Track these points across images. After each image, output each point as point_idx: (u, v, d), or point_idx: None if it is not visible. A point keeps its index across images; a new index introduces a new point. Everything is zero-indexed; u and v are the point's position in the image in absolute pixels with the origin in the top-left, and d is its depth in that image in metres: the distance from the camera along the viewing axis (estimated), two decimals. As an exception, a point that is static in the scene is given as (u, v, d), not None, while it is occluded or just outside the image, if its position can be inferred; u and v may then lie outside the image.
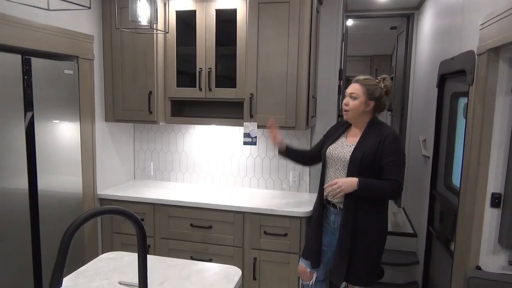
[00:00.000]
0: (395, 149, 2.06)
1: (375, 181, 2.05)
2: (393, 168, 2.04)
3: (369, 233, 2.12)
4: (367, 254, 2.13)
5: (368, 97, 2.13)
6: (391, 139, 2.06)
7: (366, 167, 2.06)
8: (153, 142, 3.39)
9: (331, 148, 2.25)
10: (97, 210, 1.02)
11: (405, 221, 4.25)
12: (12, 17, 2.07)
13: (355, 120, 2.20)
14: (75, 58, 2.60)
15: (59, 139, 2.49)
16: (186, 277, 1.63)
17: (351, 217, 2.10)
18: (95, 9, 2.81)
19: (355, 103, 2.14)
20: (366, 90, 2.13)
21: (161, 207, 2.83)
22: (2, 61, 2.06)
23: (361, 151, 2.09)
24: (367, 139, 2.12)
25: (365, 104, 2.14)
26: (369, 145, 2.09)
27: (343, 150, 2.18)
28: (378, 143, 2.07)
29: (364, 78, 2.17)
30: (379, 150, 2.06)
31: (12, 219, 2.17)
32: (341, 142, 2.24)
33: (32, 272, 2.31)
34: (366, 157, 2.07)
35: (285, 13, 2.60)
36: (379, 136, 2.09)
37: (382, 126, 2.16)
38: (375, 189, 2.05)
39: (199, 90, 2.86)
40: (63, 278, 0.90)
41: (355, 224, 2.10)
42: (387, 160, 2.05)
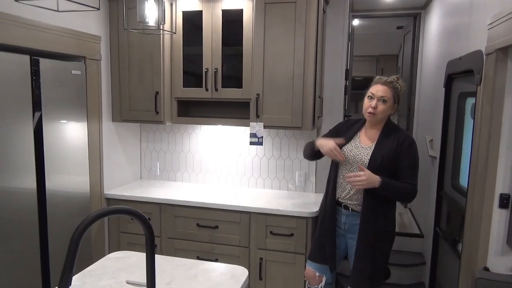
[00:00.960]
0: (412, 154, 2.07)
1: (395, 183, 2.05)
2: (409, 172, 2.05)
3: (382, 234, 2.11)
4: (378, 256, 2.12)
5: (394, 101, 2.11)
6: (409, 143, 2.07)
7: (384, 170, 2.05)
8: (160, 142, 3.40)
9: (346, 149, 2.18)
10: (106, 210, 1.02)
11: (412, 221, 4.23)
12: (20, 18, 2.09)
13: (378, 122, 2.15)
14: (83, 58, 2.62)
15: (67, 139, 2.51)
16: (193, 276, 1.64)
17: (371, 219, 2.08)
18: (102, 10, 2.82)
19: (384, 107, 2.08)
20: (394, 93, 2.10)
21: (167, 207, 2.84)
22: (11, 61, 2.08)
23: (380, 154, 2.07)
24: (384, 142, 2.10)
25: (392, 108, 2.13)
26: (387, 148, 2.07)
27: (359, 152, 2.14)
28: (396, 146, 2.06)
29: (391, 81, 2.12)
30: (397, 154, 2.05)
31: (21, 218, 2.19)
32: (356, 143, 2.19)
33: (40, 271, 2.33)
34: (385, 160, 2.05)
35: (292, 13, 2.60)
36: (396, 139, 2.08)
37: (398, 129, 2.17)
38: (394, 190, 2.05)
39: (205, 90, 2.87)
40: (72, 277, 0.90)
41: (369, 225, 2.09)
42: (404, 164, 2.05)
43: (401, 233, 3.90)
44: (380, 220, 2.10)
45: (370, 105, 2.09)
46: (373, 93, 2.11)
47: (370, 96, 2.12)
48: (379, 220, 2.10)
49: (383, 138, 2.11)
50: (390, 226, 2.17)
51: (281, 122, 2.71)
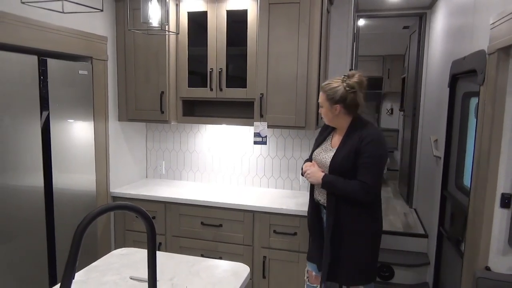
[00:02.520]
0: (370, 151, 2.00)
1: (340, 180, 2.04)
2: (363, 170, 2.01)
3: (355, 232, 2.09)
4: (354, 254, 2.11)
5: (331, 102, 2.09)
6: (368, 141, 2.01)
7: (346, 171, 2.05)
8: (165, 141, 3.44)
9: (315, 153, 2.24)
10: (108, 205, 1.05)
11: (416, 221, 4.23)
12: (28, 19, 2.14)
13: (334, 124, 2.18)
14: (90, 59, 2.66)
15: (74, 138, 2.55)
16: (196, 273, 1.67)
17: (332, 216, 2.09)
18: (108, 10, 2.87)
19: (322, 111, 2.16)
20: (326, 96, 2.10)
21: (172, 206, 2.87)
22: (19, 62, 2.12)
23: (339, 156, 2.08)
24: (347, 142, 2.08)
25: (331, 110, 2.10)
26: (347, 148, 2.06)
27: (325, 155, 2.17)
28: (357, 145, 2.03)
29: (326, 84, 2.13)
30: (357, 152, 2.03)
31: (28, 215, 2.24)
32: (325, 146, 2.22)
33: (47, 267, 2.37)
34: (346, 161, 2.04)
35: (296, 14, 2.61)
36: (358, 137, 2.04)
37: (364, 127, 2.09)
38: (338, 187, 2.05)
39: (210, 90, 2.90)
40: (75, 269, 0.94)
41: (339, 223, 2.09)
42: (360, 161, 2.02)
43: (405, 233, 3.90)
44: (344, 218, 2.09)
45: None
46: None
47: None
48: (343, 218, 2.09)
49: (347, 139, 2.10)
50: (364, 227, 2.11)
51: (285, 122, 2.73)
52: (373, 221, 2.13)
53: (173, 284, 1.56)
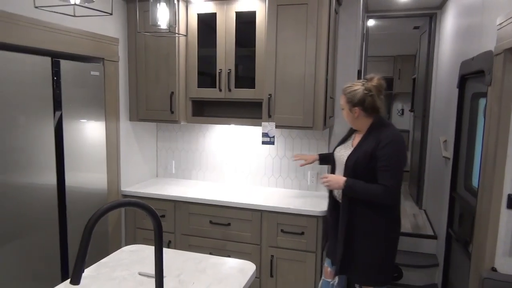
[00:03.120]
0: (388, 154, 2.01)
1: (362, 184, 2.05)
2: (383, 173, 2.02)
3: (368, 232, 2.11)
4: (367, 253, 2.13)
5: (351, 105, 2.14)
6: (386, 143, 2.02)
7: (361, 170, 2.07)
8: (175, 141, 3.49)
9: (337, 150, 2.30)
10: (117, 202, 1.09)
11: (426, 223, 4.21)
12: (42, 22, 2.20)
13: (355, 126, 2.23)
14: (101, 60, 2.72)
15: (86, 138, 2.61)
16: (202, 270, 1.70)
17: (346, 215, 2.12)
18: (120, 12, 2.93)
19: (343, 113, 2.22)
20: (346, 99, 2.15)
21: (182, 204, 2.92)
22: (33, 63, 2.19)
23: (355, 155, 2.10)
24: (365, 142, 2.11)
25: (351, 112, 2.15)
26: (364, 149, 2.08)
27: (344, 153, 2.21)
28: (374, 146, 2.05)
29: (346, 87, 2.17)
30: (374, 154, 2.04)
31: (42, 212, 2.30)
32: (347, 144, 2.27)
33: (59, 263, 2.43)
34: (361, 161, 2.06)
35: (303, 15, 2.64)
36: (375, 139, 2.06)
37: (384, 129, 2.10)
38: (360, 192, 2.06)
39: (219, 90, 2.93)
40: (85, 262, 0.98)
41: (352, 222, 2.12)
42: (379, 165, 2.03)
43: (414, 234, 3.89)
44: (357, 219, 2.11)
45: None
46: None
47: None
48: (356, 219, 2.12)
49: (365, 140, 2.12)
50: (378, 227, 2.12)
51: (293, 122, 2.75)
52: (388, 222, 2.14)
53: (180, 281, 1.60)
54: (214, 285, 1.56)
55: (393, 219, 2.17)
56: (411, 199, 5.25)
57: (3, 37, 2.01)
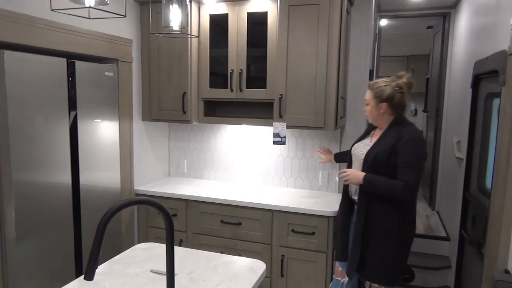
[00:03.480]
0: (409, 150, 2.03)
1: (382, 179, 2.06)
2: (404, 169, 2.03)
3: (383, 231, 2.12)
4: (380, 252, 2.13)
5: (378, 100, 2.15)
6: (406, 140, 2.05)
7: (380, 166, 2.08)
8: (187, 141, 3.52)
9: (355, 146, 2.32)
10: (130, 200, 1.12)
11: (439, 224, 4.17)
12: (58, 24, 2.25)
13: (377, 123, 2.24)
14: (115, 61, 2.76)
15: (100, 137, 2.66)
16: (213, 268, 1.72)
17: (363, 213, 2.14)
18: (133, 14, 2.97)
19: (367, 108, 2.21)
20: (374, 94, 2.17)
21: (193, 203, 2.94)
22: (49, 64, 2.24)
23: (375, 150, 2.12)
24: (385, 139, 2.13)
25: (377, 108, 2.16)
26: (384, 145, 2.10)
27: (363, 149, 2.23)
28: (394, 143, 2.07)
29: (374, 82, 2.20)
30: (393, 150, 2.06)
31: (57, 210, 2.35)
32: (365, 141, 2.29)
33: (74, 260, 2.48)
34: (380, 156, 2.08)
35: (315, 15, 2.64)
36: (395, 136, 2.09)
37: (404, 126, 2.13)
38: (380, 187, 2.06)
39: (230, 91, 2.96)
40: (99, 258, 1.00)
41: (368, 219, 2.13)
42: (400, 161, 2.05)
43: (427, 235, 3.85)
44: (374, 216, 2.12)
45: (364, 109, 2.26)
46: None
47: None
48: (373, 216, 2.12)
49: (385, 136, 2.15)
50: (393, 225, 2.12)
51: (304, 122, 2.76)
52: (404, 222, 2.14)
53: (191, 278, 1.62)
54: (225, 283, 1.58)
55: (410, 219, 2.17)
56: (424, 200, 5.20)
57: (22, 39, 2.07)
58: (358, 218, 2.16)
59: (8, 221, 2.08)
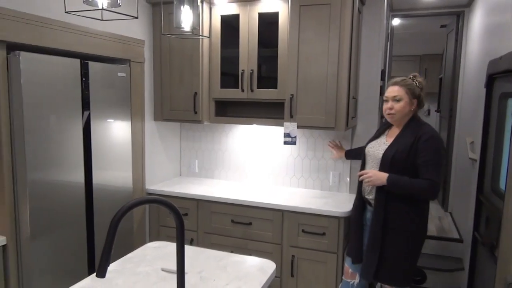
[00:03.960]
0: (429, 148, 2.04)
1: (406, 179, 2.06)
2: (427, 168, 2.04)
3: (400, 231, 2.12)
4: (396, 253, 2.13)
5: (411, 96, 2.16)
6: (426, 138, 2.06)
7: (398, 165, 2.08)
8: (198, 140, 3.55)
9: (369, 146, 2.31)
10: (141, 199, 1.13)
11: (452, 226, 4.12)
12: (72, 25, 2.29)
13: (400, 121, 2.21)
14: (128, 61, 2.80)
15: (112, 137, 2.69)
16: (223, 267, 1.73)
17: (381, 213, 2.13)
18: (146, 15, 3.00)
19: (400, 105, 2.16)
20: (407, 90, 2.16)
21: (204, 203, 2.96)
22: (63, 65, 2.28)
23: (393, 149, 2.12)
24: (402, 138, 2.14)
25: (410, 104, 2.17)
26: (403, 144, 2.10)
27: (379, 148, 2.22)
28: (413, 142, 2.08)
29: (402, 79, 2.19)
30: (412, 149, 2.06)
31: (70, 209, 2.39)
32: (380, 140, 2.28)
33: (87, 257, 2.52)
34: (399, 155, 2.08)
35: (326, 15, 2.63)
36: (414, 135, 2.10)
37: (421, 125, 2.15)
38: (405, 186, 2.06)
39: (241, 91, 2.96)
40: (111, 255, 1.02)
41: (386, 220, 2.12)
42: (421, 160, 2.05)
43: (440, 237, 3.81)
44: (392, 215, 2.12)
45: (387, 107, 2.19)
46: (387, 96, 2.20)
47: (385, 99, 2.21)
48: (391, 215, 2.12)
49: (402, 134, 2.15)
50: (409, 226, 2.12)
51: (315, 122, 2.75)
52: (418, 223, 2.14)
53: (201, 277, 1.63)
54: (235, 282, 1.59)
55: (425, 218, 2.18)
56: (437, 201, 5.14)
57: (37, 41, 2.11)
58: (375, 218, 2.15)
59: (23, 219, 2.13)
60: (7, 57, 2.01)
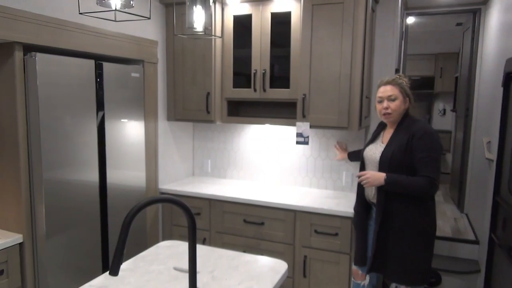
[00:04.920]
0: (424, 145, 2.03)
1: (404, 178, 2.05)
2: (424, 164, 2.03)
3: (405, 231, 2.10)
4: (404, 252, 2.11)
5: (404, 95, 2.17)
6: (420, 135, 2.05)
7: (396, 165, 2.08)
8: (211, 140, 3.56)
9: (367, 150, 2.31)
10: (154, 198, 1.14)
11: (467, 227, 4.04)
12: (87, 26, 2.32)
13: (396, 120, 2.20)
14: (141, 62, 2.82)
15: (126, 137, 2.72)
16: (235, 267, 1.73)
17: (381, 212, 2.12)
18: (158, 16, 3.02)
19: (396, 103, 2.16)
20: (400, 88, 2.17)
21: (216, 203, 2.97)
22: (78, 66, 2.31)
23: (390, 150, 2.12)
24: (397, 137, 2.14)
25: (404, 102, 2.17)
26: (398, 143, 2.10)
27: (376, 151, 2.22)
28: (407, 140, 2.07)
29: (393, 79, 2.19)
30: (408, 147, 2.06)
31: (85, 208, 2.42)
32: (377, 143, 2.28)
33: (101, 256, 2.55)
34: (396, 156, 2.08)
35: (339, 14, 2.61)
36: (408, 133, 2.09)
37: (414, 122, 2.14)
38: (403, 185, 2.05)
39: (254, 90, 2.96)
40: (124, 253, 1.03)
41: (388, 220, 2.12)
42: (417, 157, 2.04)
43: (455, 238, 3.75)
44: (395, 216, 2.11)
45: (381, 107, 2.18)
46: (380, 96, 2.19)
47: (379, 100, 2.20)
48: (394, 216, 2.11)
49: (396, 134, 2.15)
50: (416, 226, 2.10)
51: (327, 122, 2.74)
52: (424, 221, 2.12)
53: (213, 277, 1.64)
54: (246, 282, 1.59)
55: (430, 215, 2.15)
56: (452, 202, 5.06)
57: (53, 42, 2.15)
58: (376, 217, 2.15)
59: (39, 218, 2.16)
60: (23, 59, 2.05)
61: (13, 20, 1.94)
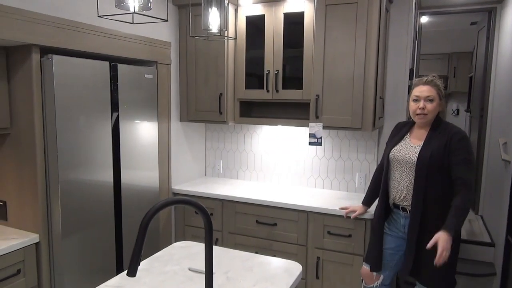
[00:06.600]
0: (464, 148, 2.01)
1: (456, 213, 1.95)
2: (462, 167, 1.99)
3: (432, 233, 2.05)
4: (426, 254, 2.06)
5: (441, 97, 2.13)
6: (460, 137, 2.02)
7: (434, 167, 2.03)
8: (223, 141, 3.57)
9: (395, 151, 2.22)
10: (172, 199, 1.15)
11: (483, 229, 3.98)
12: (102, 28, 2.34)
13: (429, 121, 2.15)
14: (155, 63, 2.84)
15: (140, 138, 2.74)
16: (249, 268, 1.73)
17: (418, 217, 2.07)
18: (172, 18, 3.04)
19: (433, 105, 2.10)
20: (438, 91, 2.12)
21: (229, 203, 2.98)
22: (93, 68, 2.33)
23: (428, 151, 2.06)
24: (434, 139, 2.09)
25: (440, 105, 2.13)
26: (436, 144, 2.05)
27: (408, 152, 2.15)
28: (446, 142, 2.03)
29: (431, 80, 2.14)
30: (447, 149, 2.02)
31: (99, 208, 2.45)
32: (405, 143, 2.21)
33: (115, 256, 2.57)
34: (435, 157, 2.03)
35: (353, 14, 2.60)
36: (445, 134, 2.06)
37: (448, 125, 2.12)
38: (460, 217, 1.97)
39: (266, 91, 2.96)
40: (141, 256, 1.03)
41: (424, 224, 2.07)
42: (456, 159, 2.00)
43: (470, 241, 3.70)
44: (431, 220, 2.06)
45: (417, 107, 2.11)
46: (418, 95, 2.12)
47: (416, 99, 2.13)
48: (430, 219, 2.06)
49: (432, 135, 2.10)
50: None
51: (341, 123, 2.72)
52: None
53: (228, 277, 1.64)
54: (261, 283, 1.59)
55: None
56: (467, 203, 4.99)
57: (69, 44, 2.17)
58: (412, 222, 2.10)
59: (55, 218, 2.19)
60: (40, 61, 2.08)
61: (30, 23, 1.97)
